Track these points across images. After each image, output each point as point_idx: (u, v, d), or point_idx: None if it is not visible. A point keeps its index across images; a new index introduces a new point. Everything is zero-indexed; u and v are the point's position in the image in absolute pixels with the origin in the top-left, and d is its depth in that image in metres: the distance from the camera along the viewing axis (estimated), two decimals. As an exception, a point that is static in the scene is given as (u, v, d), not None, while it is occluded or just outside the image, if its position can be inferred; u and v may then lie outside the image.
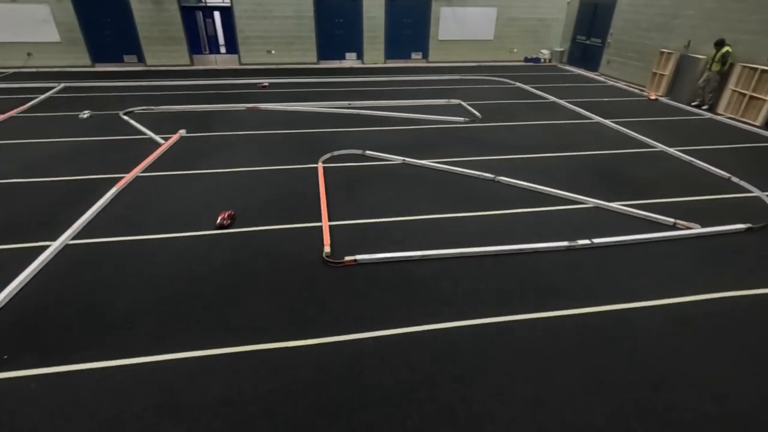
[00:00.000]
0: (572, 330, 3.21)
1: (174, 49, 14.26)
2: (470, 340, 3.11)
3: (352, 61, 15.54)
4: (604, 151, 6.94)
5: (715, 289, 3.67)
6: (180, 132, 7.46)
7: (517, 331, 3.19)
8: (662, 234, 4.44)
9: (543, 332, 3.18)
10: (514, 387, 2.73)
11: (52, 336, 3.08)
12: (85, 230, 4.44)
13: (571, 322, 3.29)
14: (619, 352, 3.01)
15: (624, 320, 3.32)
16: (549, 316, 3.34)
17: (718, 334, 3.20)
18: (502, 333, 3.18)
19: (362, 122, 8.35)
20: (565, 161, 6.53)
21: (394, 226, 4.65)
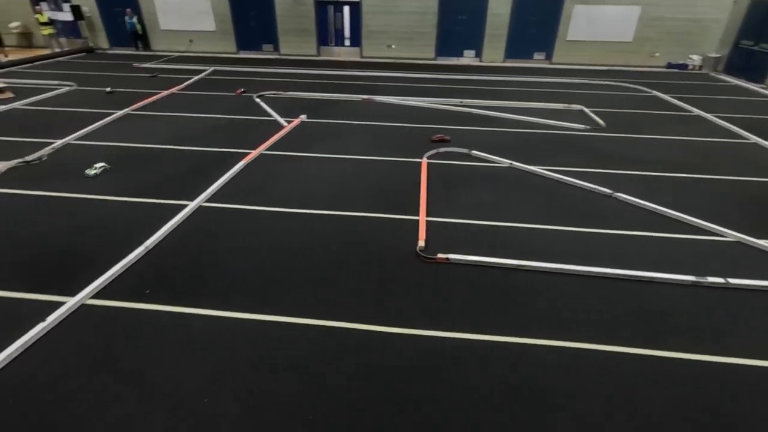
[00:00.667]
0: (688, 377, 2.81)
1: (305, 40, 15.47)
2: (560, 362, 2.90)
3: (470, 59, 15.27)
4: (757, 179, 5.86)
5: None
6: (301, 117, 8.11)
7: (618, 366, 2.89)
8: (828, 287, 3.63)
9: (651, 372, 2.84)
10: (604, 426, 2.49)
11: (181, 280, 3.62)
12: (215, 195, 5.10)
13: (687, 368, 2.88)
14: (743, 414, 2.55)
15: (754, 379, 2.80)
16: (661, 356, 2.96)
17: None
18: (601, 364, 2.91)
19: (472, 121, 8.20)
20: (702, 185, 5.67)
21: (492, 230, 4.51)
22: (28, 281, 3.56)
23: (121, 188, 5.20)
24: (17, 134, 6.99)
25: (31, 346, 2.93)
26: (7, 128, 7.30)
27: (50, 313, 3.16)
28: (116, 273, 3.65)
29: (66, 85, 10.26)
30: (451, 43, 15.08)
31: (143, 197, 5.00)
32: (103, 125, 7.52)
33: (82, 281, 3.52)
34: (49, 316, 3.12)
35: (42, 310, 3.21)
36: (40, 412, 2.48)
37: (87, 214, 4.63)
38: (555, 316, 3.31)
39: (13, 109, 8.38)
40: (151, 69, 12.65)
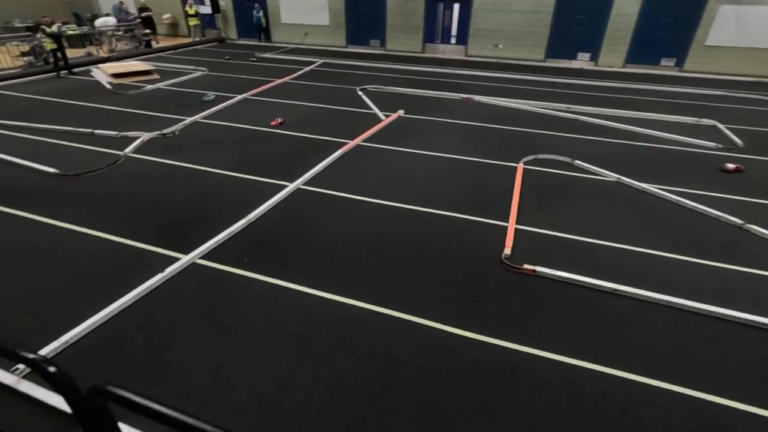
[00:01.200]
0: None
1: (411, 36, 15.64)
2: (658, 405, 2.60)
3: (584, 62, 14.17)
4: None
5: None
6: (399, 112, 8.24)
7: (727, 422, 2.51)
8: None
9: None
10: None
11: (275, 254, 3.92)
12: (313, 179, 5.42)
13: (819, 442, 2.39)
14: None
15: None
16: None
17: None
18: (705, 416, 2.55)
19: (578, 129, 7.63)
20: None
21: (589, 247, 4.17)
22: (154, 236, 4.14)
23: (234, 165, 5.77)
24: (158, 110, 8.12)
25: (152, 290, 3.41)
26: (151, 105, 8.51)
27: (168, 266, 3.64)
28: (222, 239, 4.08)
29: (200, 70, 11.65)
30: (564, 44, 14.11)
31: (251, 174, 5.50)
32: (225, 107, 8.41)
33: (194, 242, 4.00)
34: (167, 269, 3.60)
35: (162, 262, 3.71)
36: (157, 346, 2.89)
37: (204, 184, 5.23)
38: (654, 352, 2.97)
39: (157, 89, 9.75)
40: (259, 57, 13.80)
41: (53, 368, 1.26)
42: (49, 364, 1.28)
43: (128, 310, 3.22)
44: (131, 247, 3.97)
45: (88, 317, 3.07)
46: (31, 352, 1.34)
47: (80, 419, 1.27)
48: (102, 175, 5.39)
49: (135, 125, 7.13)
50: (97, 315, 3.10)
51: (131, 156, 5.99)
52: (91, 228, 4.23)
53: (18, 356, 1.30)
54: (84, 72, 11.20)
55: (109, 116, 7.77)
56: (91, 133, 6.73)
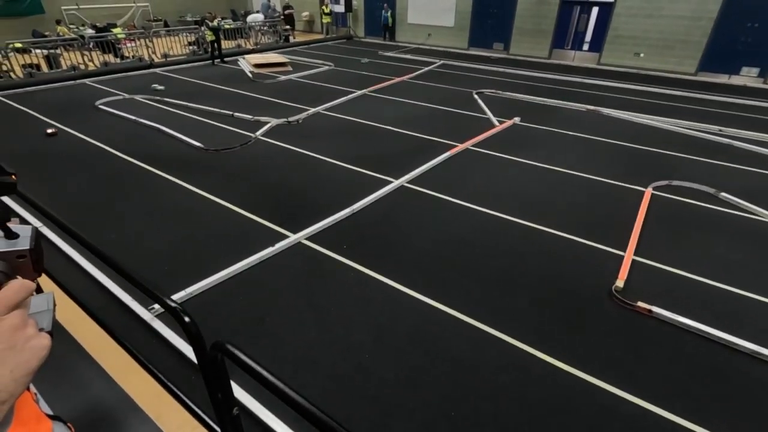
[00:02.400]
0: None
1: (538, 41, 14.83)
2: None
3: (750, 77, 12.00)
4: None
5: None
6: (515, 119, 7.90)
7: None
8: None
9: None
10: None
11: (372, 246, 4.07)
12: (417, 178, 5.48)
13: None
14: None
15: None
16: None
17: None
18: None
19: (730, 156, 6.51)
20: None
21: (725, 295, 3.55)
22: (269, 213, 4.58)
23: (345, 156, 6.10)
24: (288, 99, 8.93)
25: (262, 261, 3.79)
26: (282, 94, 9.40)
27: (278, 241, 4.01)
28: (326, 224, 4.35)
29: (327, 65, 12.51)
30: (726, 56, 12.09)
31: (360, 167, 5.76)
32: (345, 101, 8.92)
33: (303, 224, 4.33)
34: (277, 243, 3.97)
35: (274, 237, 4.09)
36: (259, 311, 3.22)
37: (317, 171, 5.62)
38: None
39: (289, 81, 10.73)
40: (374, 57, 14.25)
41: (188, 318, 1.47)
42: (185, 315, 1.49)
43: (241, 275, 3.62)
44: (251, 220, 4.45)
45: (209, 276, 3.53)
46: (171, 300, 1.57)
47: (201, 367, 1.47)
48: (235, 153, 6.12)
49: (267, 111, 7.94)
50: (217, 275, 3.54)
51: (260, 138, 6.69)
52: (222, 198, 4.84)
53: (162, 301, 1.55)
54: (232, 61, 12.80)
55: (248, 101, 8.77)
56: (232, 115, 7.67)
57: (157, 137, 6.65)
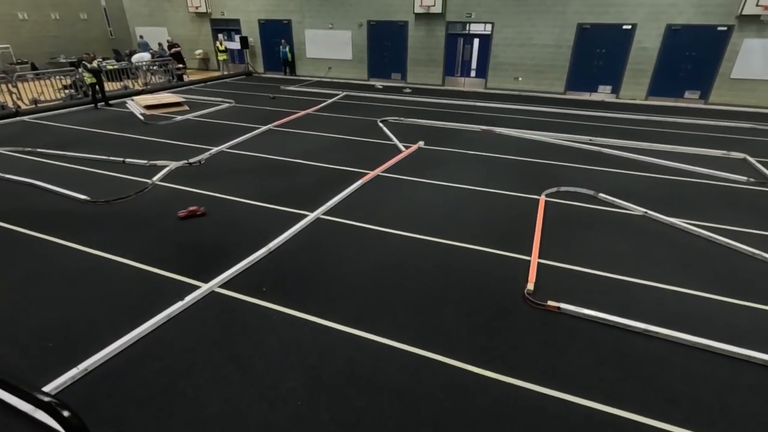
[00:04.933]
0: None
1: (431, 70, 16.01)
2: (693, 458, 2.41)
3: (605, 94, 14.16)
4: None
5: None
6: (419, 143, 8.32)
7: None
8: None
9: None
10: None
11: (294, 284, 3.91)
12: (333, 209, 5.45)
13: None
14: None
15: None
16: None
17: None
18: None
19: (601, 161, 7.52)
20: None
21: (618, 285, 4.01)
22: (175, 264, 4.19)
23: (256, 194, 5.88)
24: (187, 140, 8.43)
25: (172, 318, 3.42)
26: (180, 135, 8.85)
27: (188, 293, 3.67)
28: (242, 268, 4.10)
29: (227, 102, 12.13)
30: (585, 77, 14.18)
31: (272, 204, 5.58)
32: (250, 137, 8.67)
33: (215, 271, 4.03)
34: (187, 297, 3.63)
35: (183, 290, 3.74)
36: (173, 374, 2.87)
37: (226, 213, 5.32)
38: (692, 401, 2.77)
39: (186, 120, 10.16)
40: (276, 91, 14.28)
41: (67, 412, 1.24)
42: (63, 408, 1.27)
43: (148, 338, 3.23)
44: (154, 274, 4.03)
45: (109, 344, 3.09)
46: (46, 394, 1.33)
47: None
48: (130, 203, 5.56)
49: (165, 154, 7.40)
50: (117, 342, 3.11)
51: (159, 184, 6.18)
52: (117, 254, 4.33)
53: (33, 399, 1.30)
54: (120, 104, 11.81)
55: (141, 146, 8.10)
56: (123, 162, 7.01)
57: (32, 194, 5.80)
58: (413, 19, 15.44)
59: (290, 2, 17.09)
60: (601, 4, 13.16)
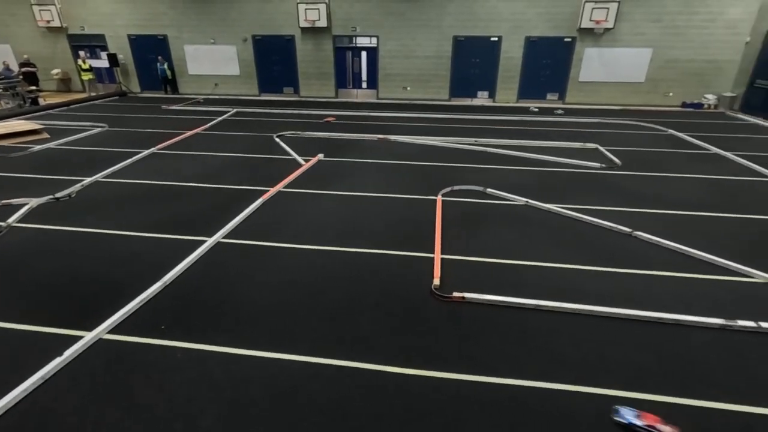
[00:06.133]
0: (719, 426, 2.63)
1: (324, 83, 16.16)
2: (590, 410, 2.76)
3: (483, 99, 15.65)
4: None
5: None
6: (319, 156, 8.33)
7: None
8: None
9: (686, 424, 2.67)
10: (634, 478, 2.33)
11: (197, 316, 3.63)
12: (233, 231, 5.19)
13: (724, 420, 2.70)
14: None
15: (801, 433, 2.61)
16: (695, 406, 2.80)
17: None
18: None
19: (488, 160, 8.29)
20: (727, 224, 5.53)
21: (510, 269, 4.44)
22: (48, 315, 3.62)
23: (145, 224, 5.35)
24: (51, 172, 7.34)
25: (48, 380, 2.94)
26: (42, 167, 7.68)
27: (68, 347, 3.19)
28: (133, 308, 3.69)
29: (98, 126, 10.83)
30: (466, 84, 15.53)
31: (164, 233, 5.12)
32: (130, 163, 7.85)
33: (100, 316, 3.57)
34: (66, 351, 3.15)
35: (61, 343, 3.24)
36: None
37: (109, 249, 4.75)
38: (578, 362, 3.18)
39: (47, 149, 8.85)
40: (158, 112, 13.29)
41: None
42: None
43: (19, 407, 2.73)
44: (20, 331, 3.43)
45: (-37, 425, 2.55)
46: None
47: None
48: (-21, 252, 4.66)
49: (22, 191, 6.35)
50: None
51: (16, 226, 5.28)
52: (-34, 315, 3.60)
53: None
54: (-47, 136, 9.83)
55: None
56: (-36, 204, 5.85)
57: None
58: (299, 33, 15.46)
59: (164, 17, 15.94)
60: (470, 19, 14.56)
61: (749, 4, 13.07)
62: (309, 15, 14.77)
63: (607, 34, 14.06)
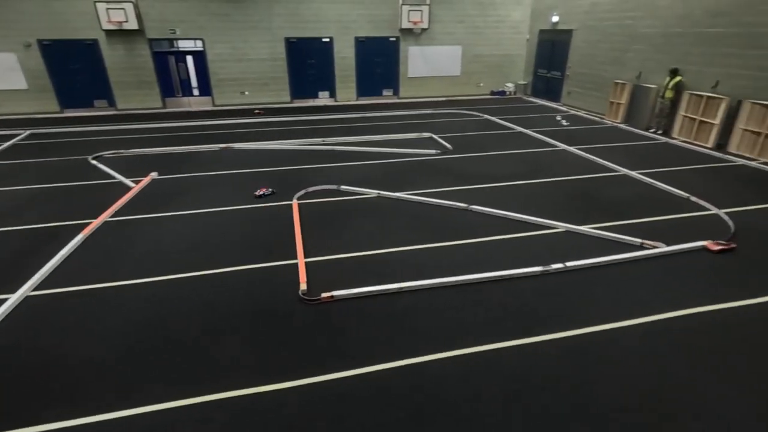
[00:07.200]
0: (557, 355, 3.22)
1: (146, 92, 14.29)
2: (457, 371, 3.07)
3: (325, 99, 15.91)
4: (572, 177, 7.22)
5: (685, 305, 3.78)
6: (151, 175, 7.37)
7: (504, 360, 3.18)
8: (631, 254, 4.58)
9: (530, 359, 3.18)
10: (503, 421, 2.69)
11: (13, 392, 2.88)
12: (48, 280, 4.25)
13: (555, 347, 3.30)
14: (606, 376, 3.03)
15: (604, 341, 3.36)
16: (533, 342, 3.35)
17: (693, 350, 3.27)
18: (490, 362, 3.16)
19: (337, 158, 8.47)
20: (534, 188, 6.75)
21: (372, 259, 4.64)
22: None
23: None
24: None
25: None
26: None
27: None
28: None
29: None
30: (306, 85, 15.55)
31: (-61, 301, 3.90)
32: None
33: None
34: None
35: None
36: None
37: None
38: (442, 330, 3.51)
39: None
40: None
41: None
42: None
43: None
44: None
45: None
46: None
47: None
48: None
49: None
50: None
51: None
52: None
53: None
54: None
55: None
56: None
57: None
58: (104, 36, 13.32)
59: None
60: (299, 21, 14.57)
61: (525, 8, 16.07)
62: (113, 16, 12.81)
63: (424, 34, 15.65)
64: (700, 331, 3.47)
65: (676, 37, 10.04)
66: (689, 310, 3.72)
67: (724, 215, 5.57)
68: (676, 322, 3.58)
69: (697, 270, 4.34)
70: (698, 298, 3.87)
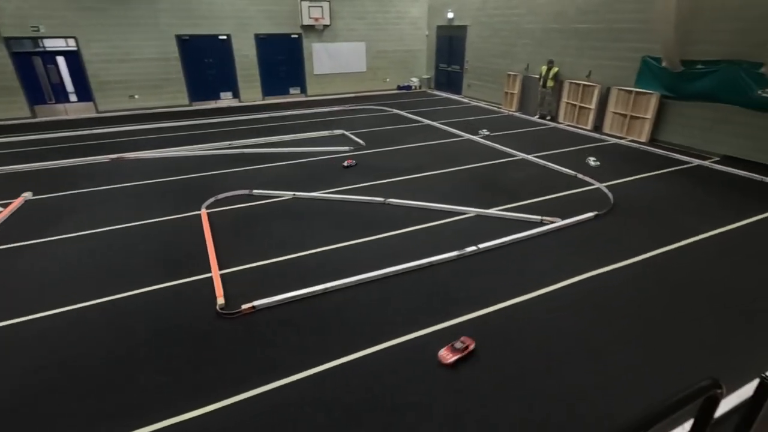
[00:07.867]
0: (478, 332, 3.42)
1: (9, 100, 12.28)
2: (388, 364, 3.12)
3: (228, 100, 15.05)
4: (477, 164, 7.71)
5: (584, 270, 4.25)
6: (24, 195, 6.37)
7: (432, 345, 3.29)
8: (533, 231, 5.04)
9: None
10: (434, 405, 2.79)
11: None
12: None
13: (472, 326, 3.51)
14: (518, 347, 3.29)
15: (518, 313, 3.65)
16: (455, 324, 3.52)
17: (595, 308, 3.69)
18: (418, 350, 3.25)
19: (247, 162, 8.07)
20: (445, 177, 7.08)
21: (293, 263, 4.52)
22: None
23: None
24: None
25: None
26: None
27: None
28: None
29: None
30: (205, 86, 14.55)
31: None
32: None
33: None
34: None
35: None
36: None
37: None
38: (369, 325, 3.54)
39: None
40: None
41: None
42: None
43: None
44: None
45: None
46: None
47: None
48: None
49: None
50: None
51: None
52: None
53: None
54: None
55: None
56: None
57: None
58: (-57, 35, 11.15)
59: None
60: (190, 17, 13.55)
61: (422, 5, 16.69)
62: (-47, 10, 10.77)
63: (327, 31, 15.51)
64: (591, 291, 3.93)
65: (554, 32, 11.18)
66: (581, 276, 4.20)
67: (605, 188, 6.37)
68: (571, 287, 4.02)
69: (585, 238, 4.91)
70: (592, 263, 4.39)
